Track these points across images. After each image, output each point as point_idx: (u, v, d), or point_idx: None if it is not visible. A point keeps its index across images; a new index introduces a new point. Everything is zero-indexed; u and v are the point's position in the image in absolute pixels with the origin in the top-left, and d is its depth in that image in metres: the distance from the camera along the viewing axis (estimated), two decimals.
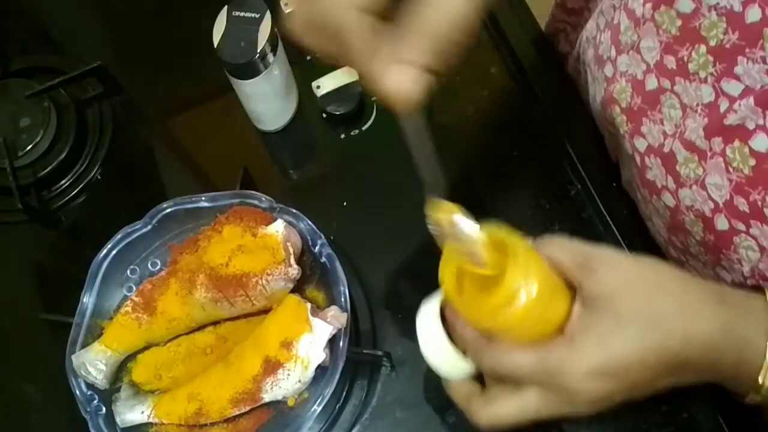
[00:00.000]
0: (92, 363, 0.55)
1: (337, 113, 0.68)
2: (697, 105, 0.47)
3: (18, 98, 0.71)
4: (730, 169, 0.45)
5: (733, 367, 0.42)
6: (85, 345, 0.56)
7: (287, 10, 0.70)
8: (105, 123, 0.74)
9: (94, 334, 0.57)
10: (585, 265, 0.43)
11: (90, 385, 0.55)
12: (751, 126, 0.43)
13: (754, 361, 0.41)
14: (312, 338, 0.52)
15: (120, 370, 0.58)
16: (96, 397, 0.55)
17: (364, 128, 0.70)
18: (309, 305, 0.54)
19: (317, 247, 0.56)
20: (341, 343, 0.52)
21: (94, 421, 0.54)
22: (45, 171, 0.70)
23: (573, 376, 0.41)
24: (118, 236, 0.58)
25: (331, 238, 0.57)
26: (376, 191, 0.68)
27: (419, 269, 0.64)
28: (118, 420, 0.55)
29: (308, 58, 0.73)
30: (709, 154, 0.47)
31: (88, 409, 0.54)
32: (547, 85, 0.68)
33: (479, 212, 0.66)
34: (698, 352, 0.41)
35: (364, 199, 0.67)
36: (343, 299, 0.54)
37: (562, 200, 0.65)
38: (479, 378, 0.48)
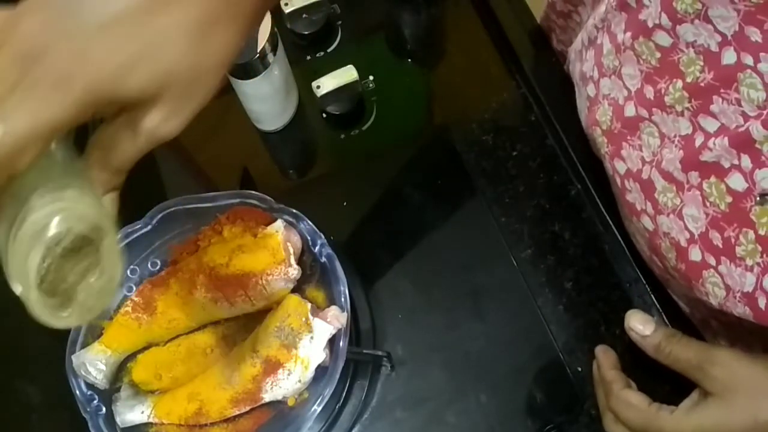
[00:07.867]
0: (92, 363, 0.55)
1: (337, 113, 0.68)
2: (675, 136, 0.47)
3: None
4: (707, 203, 0.45)
5: None
6: (85, 345, 0.56)
7: (287, 10, 0.70)
8: None
9: (94, 334, 0.57)
10: (701, 366, 0.47)
11: (90, 385, 0.55)
12: (726, 165, 0.43)
13: None
14: (312, 338, 0.52)
15: (120, 370, 0.58)
16: (96, 397, 0.55)
17: (364, 128, 0.70)
18: (309, 305, 0.54)
19: (317, 247, 0.56)
20: (341, 343, 0.52)
21: (94, 421, 0.54)
22: None
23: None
24: (118, 236, 0.58)
25: (331, 238, 0.57)
26: (376, 191, 0.68)
27: (419, 269, 0.64)
28: (118, 420, 0.55)
29: (308, 58, 0.73)
30: (686, 186, 0.47)
31: (88, 409, 0.54)
32: (547, 85, 0.68)
33: (479, 212, 0.66)
34: None
35: (364, 199, 0.67)
36: (343, 299, 0.54)
37: (562, 200, 0.65)
38: None
